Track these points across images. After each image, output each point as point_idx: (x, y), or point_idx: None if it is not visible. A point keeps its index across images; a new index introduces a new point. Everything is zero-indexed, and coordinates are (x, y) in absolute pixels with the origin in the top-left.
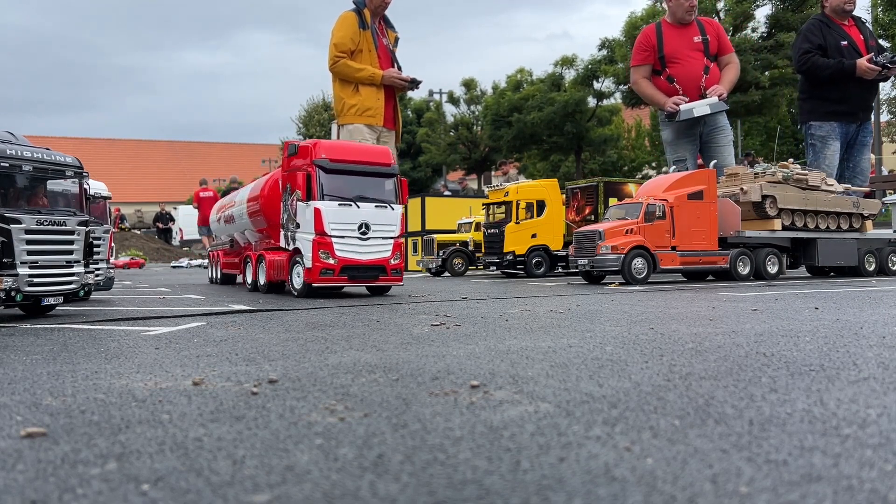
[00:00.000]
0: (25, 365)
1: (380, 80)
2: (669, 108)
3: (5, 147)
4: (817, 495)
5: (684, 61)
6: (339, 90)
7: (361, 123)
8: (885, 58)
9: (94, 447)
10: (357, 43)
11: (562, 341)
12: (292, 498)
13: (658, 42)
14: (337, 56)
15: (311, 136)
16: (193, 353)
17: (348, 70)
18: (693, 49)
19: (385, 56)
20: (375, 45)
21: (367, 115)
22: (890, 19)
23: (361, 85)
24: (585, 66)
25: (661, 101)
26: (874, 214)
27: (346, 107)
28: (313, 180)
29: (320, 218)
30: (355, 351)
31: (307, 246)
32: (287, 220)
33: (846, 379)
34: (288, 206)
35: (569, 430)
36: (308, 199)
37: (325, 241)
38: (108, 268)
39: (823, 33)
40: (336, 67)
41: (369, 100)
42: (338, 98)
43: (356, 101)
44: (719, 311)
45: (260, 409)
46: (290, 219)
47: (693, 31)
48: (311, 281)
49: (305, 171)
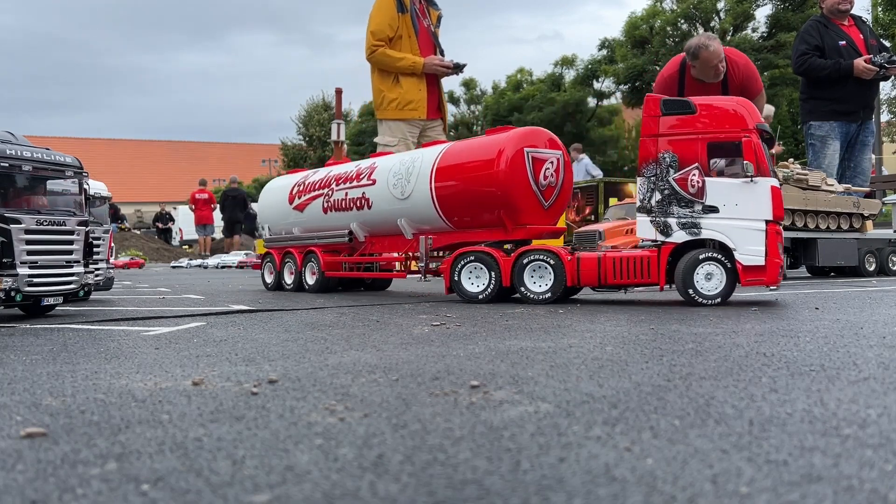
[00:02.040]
0: (25, 365)
1: (421, 69)
2: None
3: (5, 147)
4: (817, 495)
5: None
6: (377, 82)
7: (402, 120)
8: (883, 57)
9: (93, 447)
10: (396, 29)
11: (562, 341)
12: (292, 498)
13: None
14: (374, 45)
15: (311, 136)
16: (193, 353)
17: (387, 60)
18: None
19: (426, 40)
20: (415, 30)
21: (408, 108)
22: (890, 19)
23: (402, 75)
24: (585, 66)
25: None
26: (874, 214)
27: (385, 101)
28: (759, 150)
29: (779, 200)
30: (355, 351)
31: (748, 237)
32: (662, 200)
33: (846, 379)
34: (664, 182)
35: (569, 431)
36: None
37: (778, 230)
38: (108, 268)
39: (821, 34)
40: (374, 57)
41: (411, 91)
42: (376, 91)
43: (396, 94)
44: (719, 311)
45: (260, 409)
46: (671, 199)
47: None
48: (766, 282)
49: (747, 138)
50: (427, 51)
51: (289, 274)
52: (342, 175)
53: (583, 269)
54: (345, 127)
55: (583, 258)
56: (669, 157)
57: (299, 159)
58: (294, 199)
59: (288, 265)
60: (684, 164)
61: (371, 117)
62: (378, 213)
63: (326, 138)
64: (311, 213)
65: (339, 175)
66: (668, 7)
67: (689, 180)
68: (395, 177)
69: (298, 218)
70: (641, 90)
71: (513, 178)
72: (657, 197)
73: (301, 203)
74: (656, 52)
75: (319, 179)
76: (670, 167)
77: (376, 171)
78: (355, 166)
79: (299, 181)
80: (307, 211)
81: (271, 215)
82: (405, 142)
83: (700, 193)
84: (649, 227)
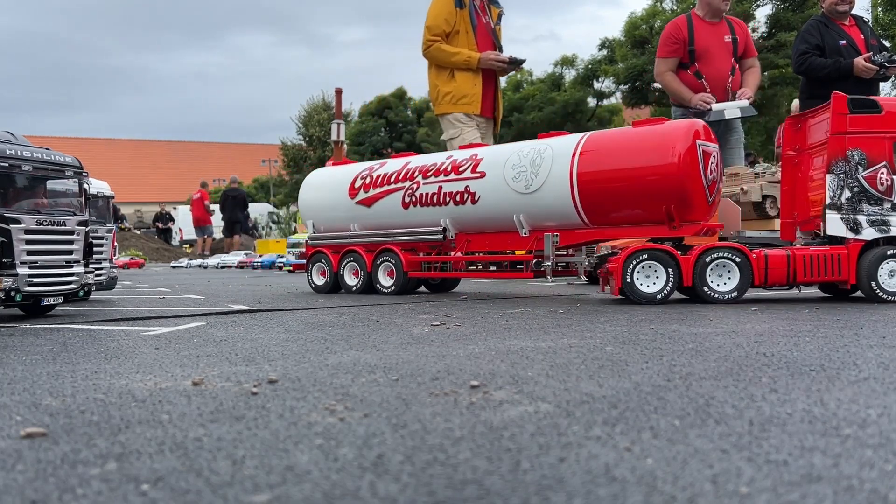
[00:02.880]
0: (25, 365)
1: (476, 64)
2: (698, 106)
3: (5, 147)
4: (817, 495)
5: (713, 59)
6: (433, 77)
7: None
8: (884, 56)
9: (93, 447)
10: (453, 24)
11: (562, 341)
12: (292, 498)
13: (689, 35)
14: (430, 40)
15: (311, 136)
16: (193, 353)
17: (442, 55)
18: (722, 47)
19: (485, 37)
20: (473, 26)
21: (462, 102)
22: (890, 19)
23: (457, 70)
24: (585, 66)
25: (687, 98)
26: None
27: (440, 95)
28: None
29: None
30: (355, 351)
31: None
32: (851, 198)
33: (846, 379)
34: (853, 179)
35: (569, 431)
36: None
37: None
38: (111, 267)
39: (822, 33)
40: (429, 52)
41: (465, 86)
42: (432, 86)
43: (451, 88)
44: (719, 311)
45: (260, 409)
46: (860, 196)
47: (724, 28)
48: None
49: None
50: (485, 47)
51: (351, 275)
52: (429, 167)
53: (771, 266)
54: (345, 127)
55: (771, 255)
56: (858, 155)
57: (299, 159)
58: (357, 194)
59: (350, 265)
60: (873, 162)
61: (371, 118)
62: (486, 207)
63: (326, 138)
64: (384, 209)
65: (424, 167)
66: (668, 7)
67: (878, 178)
68: (514, 169)
69: (364, 214)
70: (641, 90)
71: (688, 172)
72: (847, 194)
73: (368, 198)
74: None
75: (394, 172)
76: (859, 165)
77: (483, 163)
78: (446, 158)
79: (362, 174)
80: (378, 206)
81: (321, 212)
82: (470, 126)
83: (889, 191)
84: (840, 224)
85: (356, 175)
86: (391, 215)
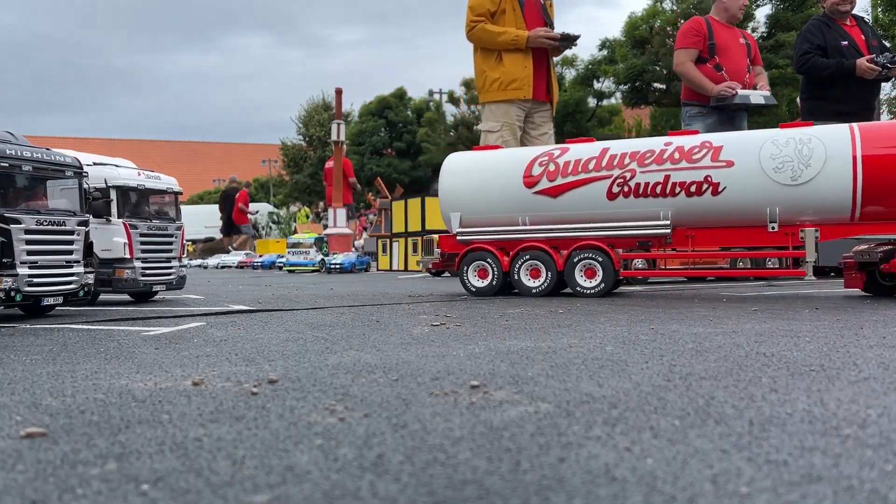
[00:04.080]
0: (25, 365)
1: (525, 43)
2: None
3: (5, 147)
4: (817, 495)
5: (732, 55)
6: (479, 62)
7: (506, 101)
8: (886, 58)
9: (93, 447)
10: (497, 2)
11: (562, 341)
12: (292, 498)
13: (709, 31)
14: (473, 21)
15: (311, 137)
16: (193, 353)
17: (487, 36)
18: (739, 47)
19: (534, 14)
20: (521, 2)
21: (511, 88)
22: (890, 19)
23: (505, 53)
24: (585, 66)
25: (708, 88)
26: None
27: (487, 81)
28: None
29: None
30: (355, 351)
31: None
32: None
33: (846, 379)
34: None
35: (569, 431)
36: None
37: None
38: (180, 266)
39: (823, 34)
40: (473, 34)
41: (514, 69)
42: (479, 72)
43: (499, 73)
44: (719, 311)
45: (260, 410)
46: None
47: (737, 33)
48: None
49: None
50: (535, 25)
51: (528, 276)
52: (644, 154)
53: None
54: (345, 127)
55: None
56: None
57: (299, 159)
58: (537, 182)
59: (528, 264)
60: None
61: (371, 118)
62: (731, 199)
63: (326, 138)
64: (578, 200)
65: (636, 153)
66: (668, 7)
67: None
68: (774, 160)
69: (545, 205)
70: (641, 90)
71: None
72: None
73: (555, 187)
74: (656, 53)
75: (590, 159)
76: None
77: (725, 150)
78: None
79: (540, 161)
80: (569, 197)
81: (475, 203)
82: (510, 126)
83: None
84: None
85: (531, 161)
86: (588, 207)
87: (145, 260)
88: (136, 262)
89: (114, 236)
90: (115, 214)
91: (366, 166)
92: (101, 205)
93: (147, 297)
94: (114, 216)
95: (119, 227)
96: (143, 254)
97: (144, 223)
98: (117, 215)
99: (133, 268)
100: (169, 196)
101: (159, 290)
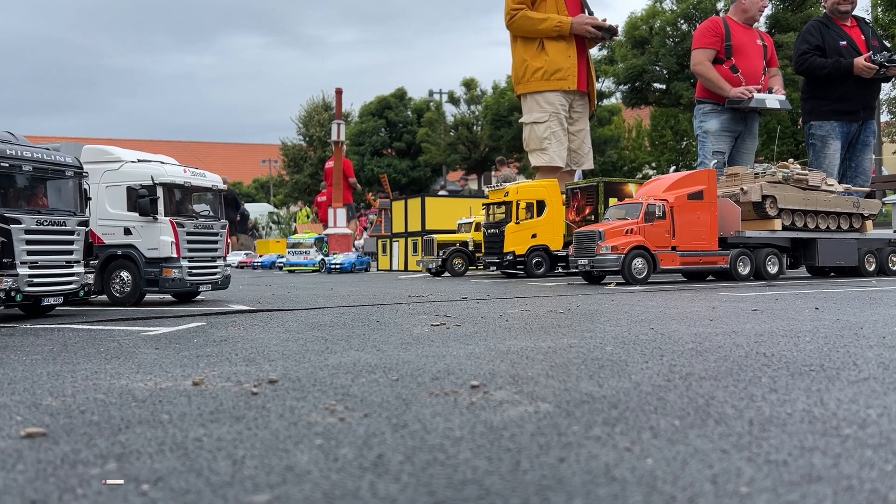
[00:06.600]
0: (25, 365)
1: (569, 29)
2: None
3: (5, 147)
4: (817, 495)
5: (748, 56)
6: (521, 51)
7: (550, 91)
8: (884, 56)
9: (94, 447)
10: None
11: (562, 341)
12: (292, 498)
13: (726, 32)
14: (514, 9)
15: (311, 137)
16: (193, 353)
17: (528, 23)
18: (756, 48)
19: (573, 1)
20: None
21: (556, 78)
22: (890, 19)
23: (548, 41)
24: None
25: (725, 88)
26: (874, 214)
27: (528, 71)
28: None
29: None
30: (355, 351)
31: None
32: None
33: (846, 379)
34: None
35: (569, 431)
36: None
37: None
38: (225, 265)
39: (822, 34)
40: (514, 23)
41: (559, 58)
42: (519, 62)
43: (542, 62)
44: (719, 311)
45: (260, 409)
46: None
47: (755, 34)
48: None
49: None
50: (575, 11)
51: None
52: None
53: None
54: (345, 127)
55: None
56: None
57: (299, 159)
58: None
59: None
60: None
61: (371, 118)
62: None
63: (326, 138)
64: None
65: None
66: (668, 7)
67: None
68: None
69: None
70: (641, 90)
71: None
72: None
73: None
74: (656, 53)
75: None
76: None
77: None
78: None
79: None
80: None
81: None
82: (557, 116)
83: None
84: None
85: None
86: None
87: (192, 259)
88: (183, 262)
89: (161, 235)
90: (161, 213)
91: (366, 166)
92: (147, 203)
93: (191, 297)
94: (160, 214)
95: (166, 226)
96: (189, 252)
97: (191, 221)
98: (164, 213)
99: (180, 267)
100: (213, 193)
101: (205, 289)
